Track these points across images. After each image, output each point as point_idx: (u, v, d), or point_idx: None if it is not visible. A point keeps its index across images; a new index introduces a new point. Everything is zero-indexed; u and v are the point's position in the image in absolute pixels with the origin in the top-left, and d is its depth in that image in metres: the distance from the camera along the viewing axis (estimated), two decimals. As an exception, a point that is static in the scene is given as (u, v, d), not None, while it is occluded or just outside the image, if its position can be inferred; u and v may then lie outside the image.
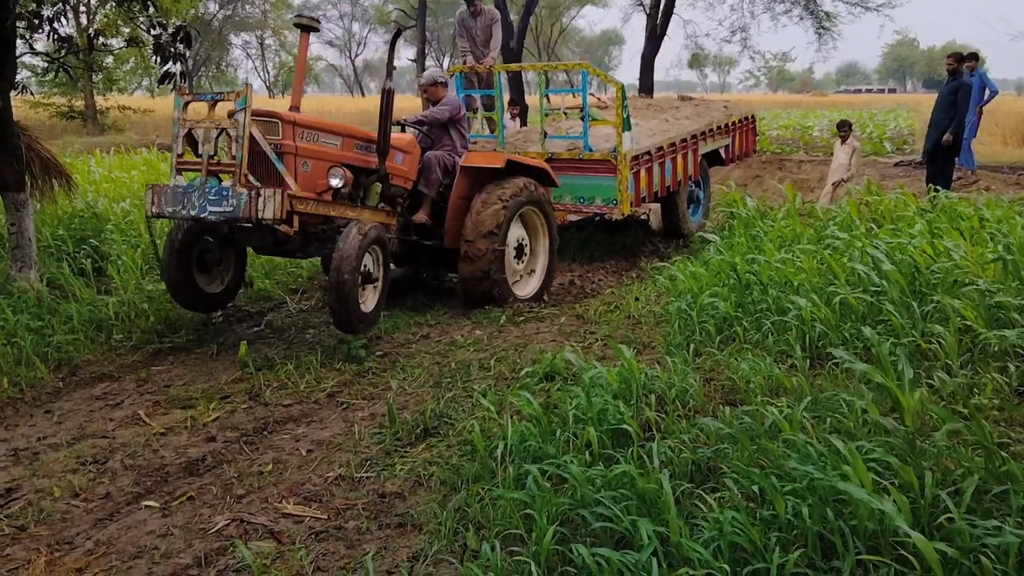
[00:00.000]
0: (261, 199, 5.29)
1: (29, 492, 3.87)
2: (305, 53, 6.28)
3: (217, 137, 5.51)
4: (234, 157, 5.36)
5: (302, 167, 5.81)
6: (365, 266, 5.76)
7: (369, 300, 5.90)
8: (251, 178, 5.40)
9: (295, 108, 6.11)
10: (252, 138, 5.40)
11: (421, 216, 6.99)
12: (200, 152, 5.54)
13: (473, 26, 10.78)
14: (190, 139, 5.62)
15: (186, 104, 5.63)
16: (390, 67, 6.31)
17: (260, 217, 5.32)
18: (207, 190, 5.40)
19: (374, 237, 5.77)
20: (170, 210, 5.54)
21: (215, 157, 5.54)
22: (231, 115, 5.38)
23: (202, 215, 5.43)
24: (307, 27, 6.14)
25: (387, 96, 6.15)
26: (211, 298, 6.39)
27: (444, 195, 7.14)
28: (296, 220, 5.57)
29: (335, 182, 5.88)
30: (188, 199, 5.44)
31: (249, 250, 6.80)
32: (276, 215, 5.33)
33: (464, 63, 10.61)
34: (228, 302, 6.65)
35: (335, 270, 5.51)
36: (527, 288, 7.44)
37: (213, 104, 5.66)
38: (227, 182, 5.45)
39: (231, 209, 5.33)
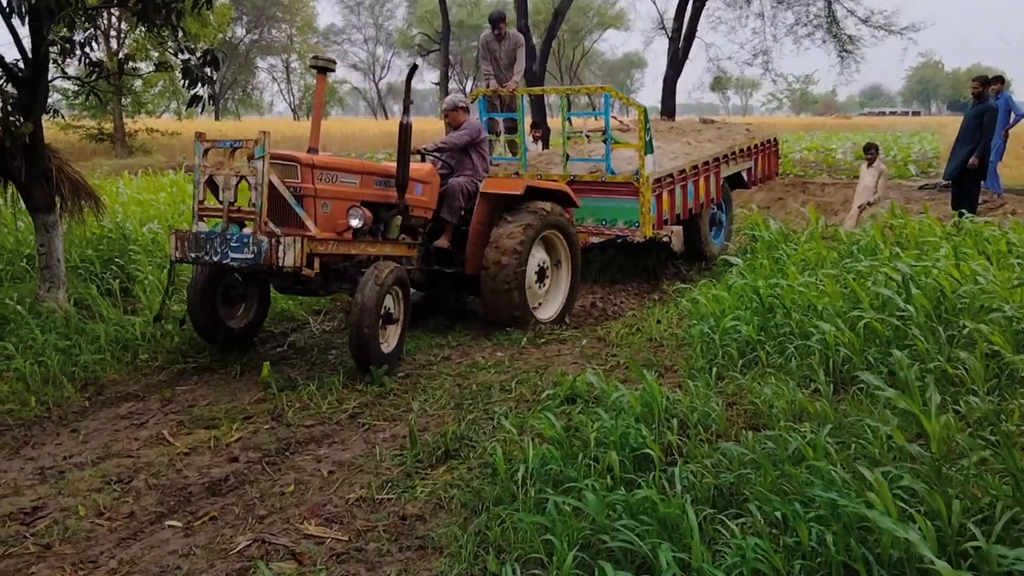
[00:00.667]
0: (281, 247, 5.39)
1: (54, 511, 3.90)
2: (323, 94, 6.38)
3: (237, 184, 5.64)
4: (253, 204, 5.45)
5: (322, 208, 5.90)
6: (386, 308, 5.83)
7: (391, 339, 5.97)
8: (271, 225, 5.51)
9: (313, 149, 6.19)
10: (271, 184, 5.50)
11: (443, 242, 7.03)
12: (221, 198, 5.66)
13: (497, 49, 10.85)
14: (211, 185, 5.73)
15: (206, 151, 5.75)
16: (407, 102, 6.40)
17: (281, 265, 5.43)
18: (228, 236, 5.51)
19: (392, 281, 5.82)
20: (193, 255, 5.66)
21: (236, 204, 5.64)
22: (250, 159, 5.48)
23: (224, 261, 5.55)
24: (324, 68, 6.24)
25: (405, 131, 6.25)
26: (236, 332, 6.46)
27: (466, 219, 7.19)
28: (317, 261, 5.65)
29: (355, 223, 5.97)
30: (210, 245, 5.56)
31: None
32: (296, 263, 5.43)
33: (487, 86, 10.69)
34: (253, 335, 6.69)
35: (355, 324, 5.60)
36: (549, 311, 7.44)
37: (232, 151, 5.75)
38: (248, 229, 5.56)
39: (252, 256, 5.44)
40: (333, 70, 6.44)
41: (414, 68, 6.65)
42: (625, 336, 6.68)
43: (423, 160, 7.31)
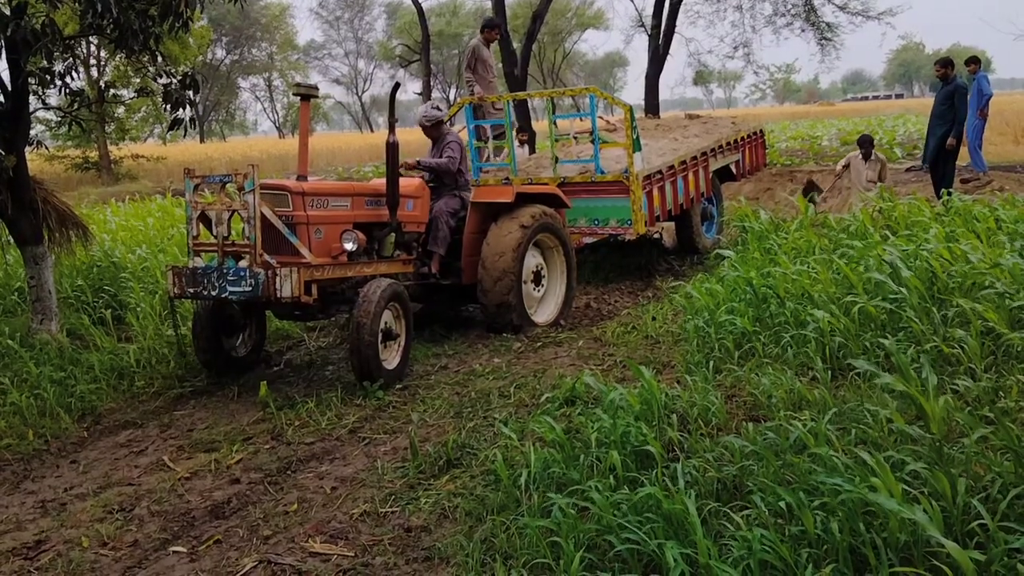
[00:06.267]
0: (278, 279, 5.41)
1: (57, 543, 3.88)
2: (307, 121, 6.36)
3: (230, 218, 5.66)
4: (247, 237, 5.46)
5: (315, 234, 5.93)
6: (386, 324, 5.84)
7: (393, 356, 5.97)
8: (267, 257, 5.52)
9: (302, 177, 6.19)
10: (263, 215, 5.52)
11: (433, 268, 7.04)
12: (215, 233, 5.67)
13: (488, 56, 10.70)
14: (204, 219, 5.75)
15: (197, 186, 5.77)
16: (392, 121, 6.41)
17: (279, 296, 5.45)
18: (225, 271, 5.53)
19: (389, 296, 5.82)
20: (191, 291, 5.69)
21: (230, 237, 5.65)
22: (240, 189, 5.50)
23: (223, 295, 5.58)
24: (307, 95, 6.23)
25: (392, 150, 6.27)
26: (240, 362, 6.46)
27: (459, 228, 7.18)
28: (314, 288, 5.67)
29: (349, 246, 6.02)
30: (208, 280, 5.58)
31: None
32: (294, 293, 5.45)
33: (472, 93, 10.65)
34: (255, 361, 6.68)
35: (353, 343, 5.63)
36: (546, 314, 7.45)
37: (222, 185, 5.76)
38: (244, 263, 5.57)
39: (250, 289, 5.47)
40: (317, 96, 6.45)
41: (396, 86, 6.65)
42: (621, 335, 6.67)
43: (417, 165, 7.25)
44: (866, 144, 11.09)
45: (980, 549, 2.68)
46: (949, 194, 8.47)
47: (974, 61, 13.44)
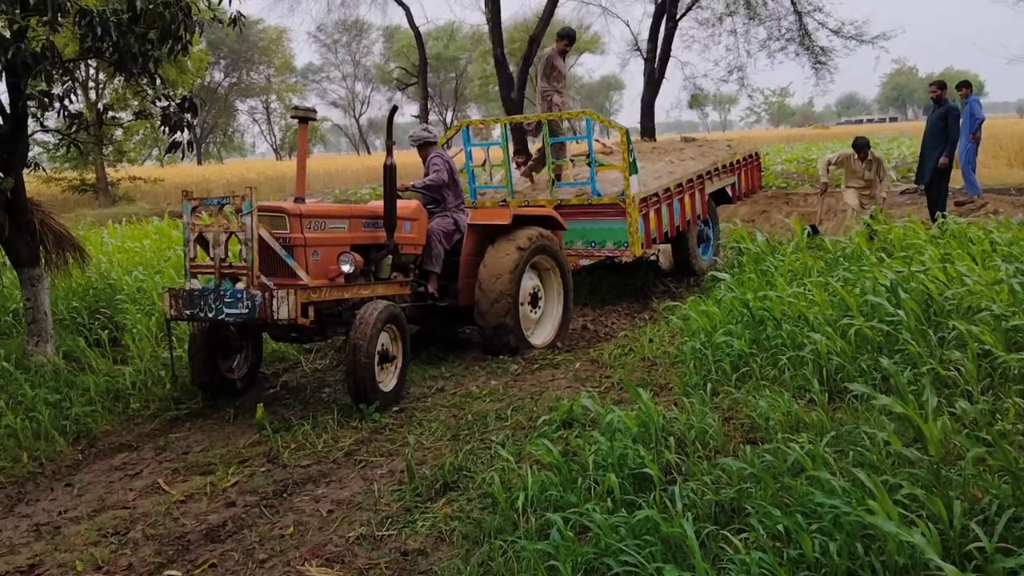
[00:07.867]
0: (275, 300, 5.41)
1: (52, 567, 3.85)
2: (305, 143, 6.38)
3: (227, 240, 5.67)
4: (245, 259, 5.48)
5: (312, 256, 5.94)
6: (382, 346, 5.84)
7: (389, 378, 5.97)
8: (264, 279, 5.53)
9: (300, 199, 6.20)
10: (261, 238, 5.54)
11: (431, 288, 7.05)
12: (212, 255, 5.70)
13: (562, 66, 10.32)
14: (201, 241, 5.77)
15: (194, 208, 5.80)
16: (389, 144, 6.44)
17: (276, 318, 5.45)
18: (222, 292, 5.53)
19: (386, 318, 5.82)
20: (188, 313, 5.69)
21: (227, 259, 5.67)
22: (238, 211, 5.52)
23: (219, 317, 5.57)
24: (305, 118, 6.25)
25: (389, 172, 6.30)
26: (236, 384, 6.43)
27: (455, 249, 7.20)
28: (311, 310, 5.67)
29: (346, 268, 6.03)
30: (204, 302, 5.59)
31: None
32: (291, 315, 5.46)
33: (549, 107, 10.06)
34: (251, 384, 6.65)
35: (349, 365, 5.63)
36: (543, 336, 7.45)
37: (220, 207, 5.78)
38: (241, 285, 5.58)
39: (247, 311, 5.47)
40: (315, 119, 6.48)
41: (394, 109, 6.66)
42: (618, 357, 6.67)
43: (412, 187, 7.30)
44: (862, 148, 10.83)
45: (978, 572, 2.67)
46: (944, 217, 8.51)
47: (965, 85, 13.59)
